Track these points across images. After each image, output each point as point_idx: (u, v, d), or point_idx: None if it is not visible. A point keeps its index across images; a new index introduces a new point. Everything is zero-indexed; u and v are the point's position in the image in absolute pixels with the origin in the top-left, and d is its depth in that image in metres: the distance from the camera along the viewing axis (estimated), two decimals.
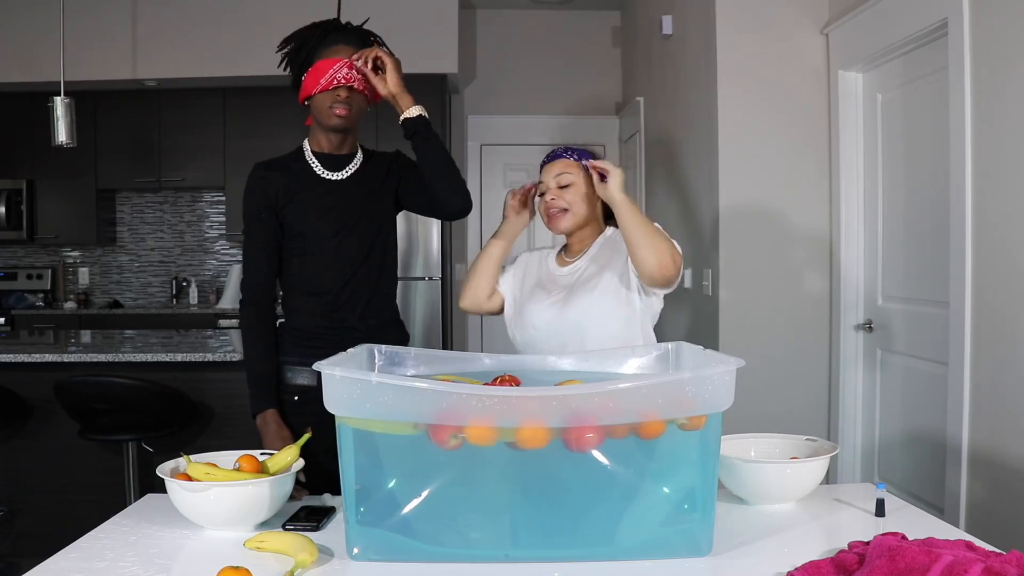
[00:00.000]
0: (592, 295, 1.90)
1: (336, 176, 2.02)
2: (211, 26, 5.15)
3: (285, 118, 5.50)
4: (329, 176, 2.01)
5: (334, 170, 2.02)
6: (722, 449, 1.46)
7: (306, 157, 2.03)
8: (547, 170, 2.00)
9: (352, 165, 2.04)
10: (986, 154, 2.39)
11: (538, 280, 2.05)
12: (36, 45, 5.01)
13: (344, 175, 2.02)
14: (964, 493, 2.49)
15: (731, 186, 3.36)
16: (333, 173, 2.01)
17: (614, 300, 1.90)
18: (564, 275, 2.01)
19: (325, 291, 1.99)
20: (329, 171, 2.01)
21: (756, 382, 3.28)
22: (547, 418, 1.24)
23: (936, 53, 2.71)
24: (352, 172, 2.03)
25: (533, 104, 5.92)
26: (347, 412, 1.26)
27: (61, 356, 3.10)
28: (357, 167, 2.04)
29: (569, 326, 1.91)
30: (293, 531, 1.41)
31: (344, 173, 2.02)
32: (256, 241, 1.99)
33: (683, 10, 3.93)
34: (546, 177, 1.99)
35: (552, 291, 1.99)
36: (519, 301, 2.05)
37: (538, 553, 1.29)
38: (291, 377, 1.98)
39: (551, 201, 1.97)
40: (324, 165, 2.02)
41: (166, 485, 1.43)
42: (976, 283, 2.45)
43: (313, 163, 2.02)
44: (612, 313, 1.90)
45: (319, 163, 2.02)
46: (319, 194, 1.99)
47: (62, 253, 6.01)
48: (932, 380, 2.78)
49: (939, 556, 1.10)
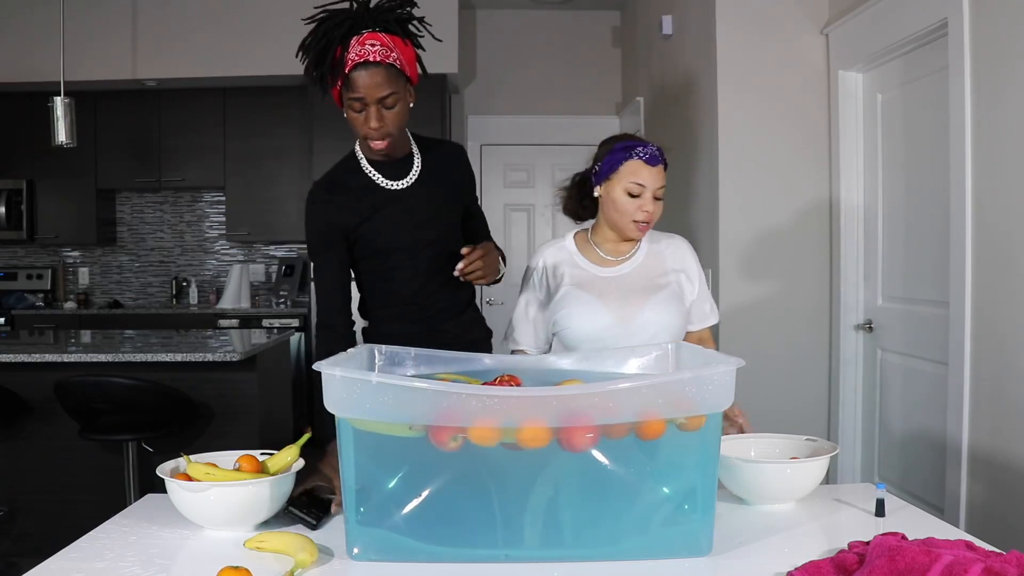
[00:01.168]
0: (659, 303, 1.90)
1: (399, 185, 1.92)
2: (211, 26, 5.15)
3: (285, 118, 5.52)
4: (392, 187, 1.91)
5: (395, 178, 1.92)
6: (722, 449, 1.46)
7: (363, 169, 1.92)
8: (651, 175, 1.87)
9: (413, 172, 1.93)
10: (986, 154, 2.39)
11: (575, 280, 1.95)
12: (36, 45, 5.01)
13: (407, 183, 1.92)
14: (964, 493, 2.49)
15: (731, 186, 3.36)
16: (395, 183, 1.91)
17: (677, 310, 1.92)
18: (611, 277, 1.94)
19: (410, 299, 1.95)
20: (391, 180, 1.91)
21: (756, 382, 3.28)
22: (547, 418, 1.24)
23: (936, 53, 2.71)
24: (415, 179, 1.93)
25: (533, 104, 5.92)
26: (347, 412, 1.26)
27: (61, 356, 3.10)
28: (418, 171, 1.94)
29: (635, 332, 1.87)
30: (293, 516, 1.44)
31: (407, 181, 1.92)
32: (326, 267, 1.92)
33: (683, 10, 3.93)
34: (649, 182, 1.86)
35: (601, 295, 1.92)
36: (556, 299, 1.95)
37: (538, 553, 1.29)
38: None
39: (650, 213, 1.87)
40: (384, 174, 1.91)
41: (166, 485, 1.43)
42: (976, 283, 2.45)
43: (372, 175, 1.91)
44: (673, 323, 1.91)
45: (379, 173, 1.91)
46: (389, 209, 1.90)
47: (62, 253, 6.01)
48: (932, 380, 2.78)
49: (939, 556, 1.10)
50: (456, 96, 5.80)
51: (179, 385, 3.07)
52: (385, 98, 1.76)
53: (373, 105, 1.75)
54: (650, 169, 1.86)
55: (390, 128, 1.80)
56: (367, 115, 1.77)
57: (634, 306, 1.89)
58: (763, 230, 3.36)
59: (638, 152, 1.87)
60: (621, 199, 1.88)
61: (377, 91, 1.74)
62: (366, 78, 1.73)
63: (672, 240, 2.02)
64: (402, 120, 1.82)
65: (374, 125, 1.77)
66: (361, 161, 1.92)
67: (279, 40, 5.09)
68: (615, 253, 1.96)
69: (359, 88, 1.73)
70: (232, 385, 3.26)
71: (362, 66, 1.72)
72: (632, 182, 1.86)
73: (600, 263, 1.96)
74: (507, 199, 6.08)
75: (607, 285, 1.93)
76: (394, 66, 1.75)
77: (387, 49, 1.75)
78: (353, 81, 1.73)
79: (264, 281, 5.98)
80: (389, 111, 1.78)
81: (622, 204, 1.88)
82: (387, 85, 1.75)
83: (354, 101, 1.75)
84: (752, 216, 3.36)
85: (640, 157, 1.86)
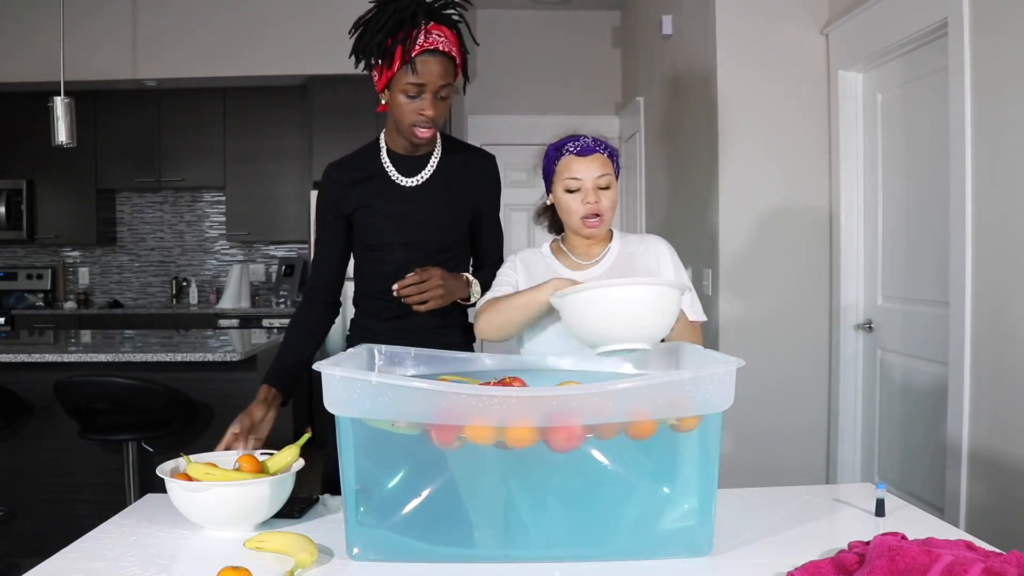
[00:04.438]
0: None
1: (409, 182, 1.92)
2: (211, 26, 5.15)
3: (285, 118, 5.52)
4: (402, 182, 1.92)
5: (408, 174, 1.92)
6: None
7: (381, 157, 1.93)
8: (583, 165, 1.81)
9: (427, 170, 1.93)
10: (986, 154, 2.39)
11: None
12: (36, 45, 5.01)
13: (416, 181, 1.92)
14: (964, 493, 2.49)
15: (731, 186, 3.36)
16: (407, 179, 1.92)
17: None
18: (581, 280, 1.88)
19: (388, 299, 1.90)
20: (403, 176, 1.92)
21: (756, 382, 3.28)
22: (548, 419, 1.24)
23: (936, 53, 2.71)
24: (427, 178, 1.93)
25: (533, 104, 5.92)
26: (347, 412, 1.26)
27: (61, 356, 3.10)
28: (433, 171, 1.94)
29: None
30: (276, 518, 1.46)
31: (417, 180, 1.92)
32: (323, 239, 1.97)
33: (683, 10, 3.93)
34: (583, 174, 1.80)
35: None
36: None
37: (538, 553, 1.29)
38: None
39: (594, 204, 1.80)
40: (399, 168, 1.92)
41: (166, 485, 1.43)
42: (976, 283, 2.45)
43: (387, 166, 1.92)
44: None
45: (394, 166, 1.92)
46: (389, 201, 1.91)
47: (62, 253, 6.01)
48: (932, 380, 2.78)
49: (939, 556, 1.10)
50: (456, 96, 5.80)
51: (179, 385, 3.07)
52: (442, 87, 1.78)
53: (431, 93, 1.77)
54: (583, 160, 1.82)
55: (438, 119, 1.81)
56: (423, 102, 1.77)
57: None
58: (763, 230, 3.36)
59: (568, 148, 1.84)
60: (563, 199, 1.84)
61: (440, 79, 1.76)
62: (433, 65, 1.74)
63: (645, 240, 1.94)
64: (446, 115, 1.85)
65: (430, 113, 1.78)
66: (382, 151, 1.94)
67: (279, 40, 5.09)
68: (586, 257, 1.91)
69: (423, 74, 1.74)
70: (232, 385, 3.26)
71: (430, 53, 1.74)
72: (567, 178, 1.82)
73: (574, 267, 1.91)
74: (507, 199, 5.98)
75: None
76: (454, 60, 1.79)
77: (450, 42, 1.78)
78: (418, 66, 1.74)
79: (264, 281, 5.98)
80: (441, 102, 1.80)
81: (565, 203, 1.84)
82: (448, 76, 1.78)
83: (412, 86, 1.76)
84: (752, 216, 3.36)
85: (571, 152, 1.83)
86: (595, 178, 1.81)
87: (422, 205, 1.93)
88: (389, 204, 1.92)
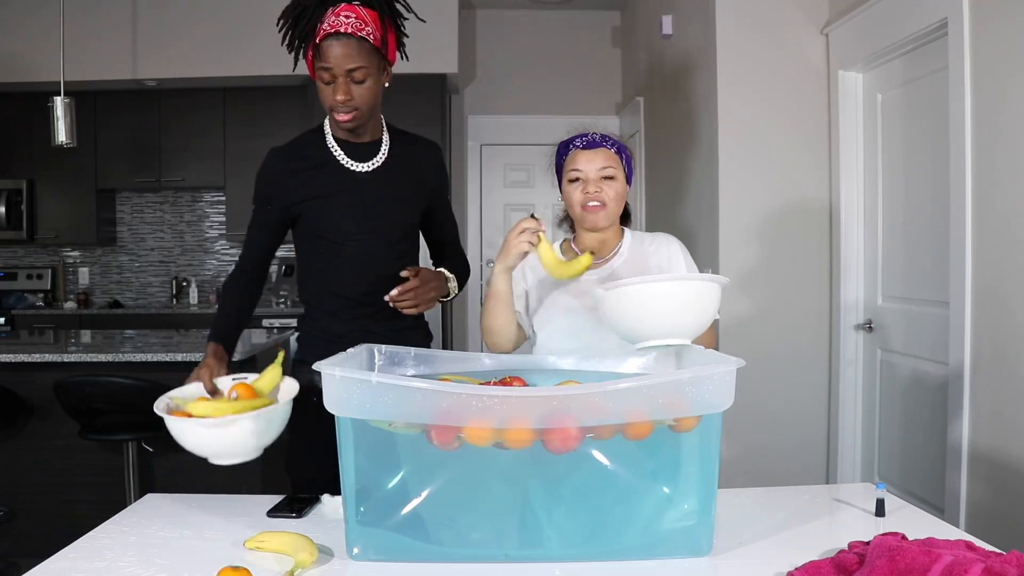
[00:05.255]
0: None
1: (361, 168, 1.87)
2: (211, 26, 5.15)
3: (285, 118, 5.51)
4: (354, 167, 1.86)
5: (359, 160, 1.87)
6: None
7: (327, 143, 1.87)
8: (586, 158, 1.83)
9: (379, 156, 1.89)
10: (986, 154, 2.39)
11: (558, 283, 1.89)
12: (36, 45, 5.01)
13: (369, 167, 1.87)
14: (964, 493, 2.49)
15: (731, 186, 3.36)
16: (358, 164, 1.86)
17: None
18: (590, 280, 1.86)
19: (349, 294, 1.89)
20: (354, 161, 1.86)
21: (756, 382, 3.28)
22: (549, 418, 1.24)
23: (936, 53, 2.71)
24: (379, 165, 1.88)
25: (533, 104, 5.92)
26: (347, 412, 1.26)
27: (61, 356, 3.10)
28: (384, 159, 1.89)
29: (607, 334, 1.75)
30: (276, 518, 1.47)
31: (370, 165, 1.87)
32: (258, 224, 1.90)
33: (683, 10, 3.93)
34: (585, 165, 1.82)
35: (578, 296, 1.85)
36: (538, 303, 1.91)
37: (538, 553, 1.29)
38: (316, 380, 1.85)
39: (595, 193, 1.81)
40: (348, 153, 1.87)
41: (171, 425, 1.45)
42: (976, 283, 2.45)
43: (335, 151, 1.87)
44: None
45: (343, 151, 1.86)
46: (343, 189, 1.85)
47: (62, 253, 6.01)
48: (932, 380, 2.78)
49: (939, 556, 1.10)
50: (456, 96, 5.80)
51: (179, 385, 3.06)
52: (354, 71, 1.74)
53: (341, 77, 1.74)
54: (587, 153, 1.83)
55: (357, 102, 1.77)
56: (335, 87, 1.75)
57: None
58: (763, 230, 3.36)
59: (575, 143, 1.86)
60: (567, 190, 1.86)
61: (346, 62, 1.72)
62: (336, 48, 1.72)
63: (657, 238, 1.94)
64: (372, 97, 1.79)
65: (340, 97, 1.74)
66: (327, 137, 1.89)
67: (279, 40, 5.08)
68: (596, 256, 1.89)
69: (328, 58, 1.72)
70: None
71: (333, 36, 1.71)
72: (571, 170, 1.85)
73: None
74: (507, 199, 6.08)
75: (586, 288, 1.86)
76: (367, 40, 1.74)
77: (361, 22, 1.73)
78: (323, 51, 1.72)
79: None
80: (358, 85, 1.76)
81: (568, 195, 1.86)
82: (357, 58, 1.73)
83: (323, 71, 1.74)
84: (752, 216, 3.36)
85: (577, 147, 1.85)
86: (598, 169, 1.83)
87: (378, 192, 1.88)
88: (343, 192, 1.85)
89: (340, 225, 1.86)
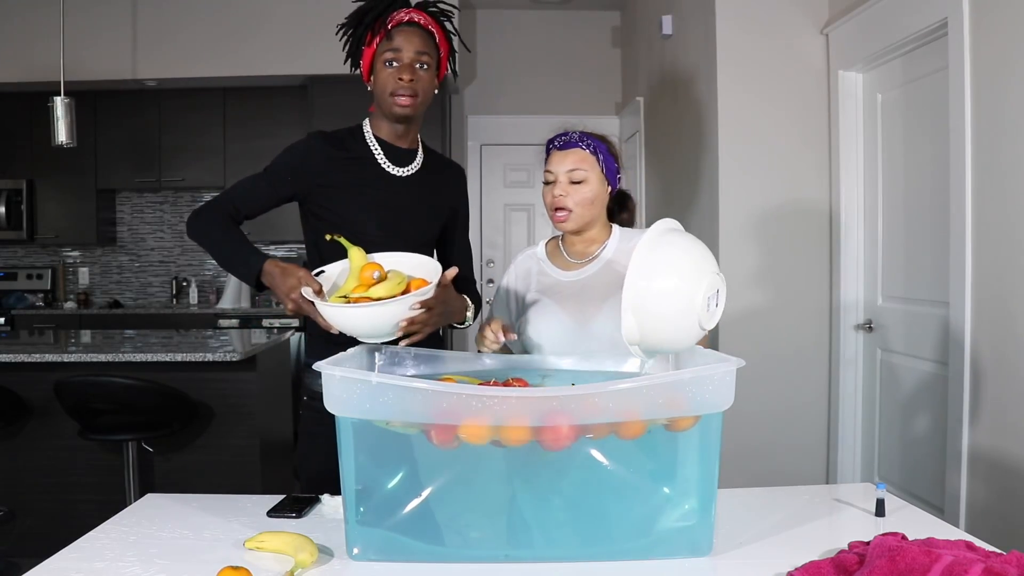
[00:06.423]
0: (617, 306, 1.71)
1: (397, 171, 1.87)
2: (211, 26, 5.15)
3: (285, 118, 5.51)
4: (391, 171, 1.87)
5: (396, 164, 1.87)
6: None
7: (367, 141, 1.88)
8: (558, 159, 1.82)
9: (414, 164, 1.90)
10: (986, 154, 2.39)
11: (541, 287, 1.88)
12: (36, 45, 5.01)
13: (406, 172, 1.88)
14: (964, 493, 2.49)
15: (731, 186, 3.36)
16: (396, 168, 1.87)
17: None
18: (573, 281, 1.85)
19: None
20: (392, 164, 1.87)
21: (756, 382, 3.28)
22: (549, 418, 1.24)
23: (936, 53, 2.71)
24: (413, 172, 1.89)
25: (533, 104, 5.92)
26: (347, 412, 1.26)
27: (61, 356, 3.10)
28: (418, 168, 1.91)
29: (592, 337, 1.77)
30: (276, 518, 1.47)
31: (405, 170, 1.88)
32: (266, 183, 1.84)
33: (683, 10, 3.93)
34: (556, 167, 1.81)
35: (561, 300, 1.83)
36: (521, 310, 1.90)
37: (538, 553, 1.29)
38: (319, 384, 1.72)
39: (559, 198, 1.80)
40: (386, 155, 1.87)
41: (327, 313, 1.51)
42: (976, 283, 2.45)
43: (375, 149, 1.87)
44: None
45: (382, 151, 1.87)
46: (374, 187, 1.84)
47: (62, 253, 6.01)
48: (932, 380, 2.78)
49: (939, 556, 1.10)
50: (456, 96, 5.80)
51: (179, 385, 3.07)
52: (422, 54, 1.79)
53: (408, 60, 1.78)
54: (559, 154, 1.82)
55: (419, 87, 1.79)
56: (399, 68, 1.78)
57: (591, 310, 1.79)
58: (763, 230, 3.36)
59: (553, 143, 1.86)
60: (543, 191, 1.85)
61: (416, 45, 1.78)
62: (409, 34, 1.78)
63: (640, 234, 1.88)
64: (430, 90, 1.83)
65: (406, 76, 1.77)
66: (367, 135, 1.89)
67: (279, 40, 5.09)
68: (582, 255, 1.88)
69: (399, 41, 1.77)
70: (232, 385, 3.26)
71: (407, 24, 1.79)
72: (545, 171, 1.84)
73: (565, 267, 1.88)
74: (507, 199, 6.08)
75: (568, 290, 1.85)
76: (434, 36, 1.82)
77: (430, 23, 1.83)
78: (394, 35, 1.78)
79: None
80: (423, 72, 1.80)
81: (543, 196, 1.85)
82: (425, 47, 1.80)
83: (390, 52, 1.78)
84: (752, 216, 3.36)
85: (554, 147, 1.84)
86: (566, 172, 1.81)
87: (407, 198, 1.87)
88: (374, 189, 1.84)
89: (362, 219, 1.83)
